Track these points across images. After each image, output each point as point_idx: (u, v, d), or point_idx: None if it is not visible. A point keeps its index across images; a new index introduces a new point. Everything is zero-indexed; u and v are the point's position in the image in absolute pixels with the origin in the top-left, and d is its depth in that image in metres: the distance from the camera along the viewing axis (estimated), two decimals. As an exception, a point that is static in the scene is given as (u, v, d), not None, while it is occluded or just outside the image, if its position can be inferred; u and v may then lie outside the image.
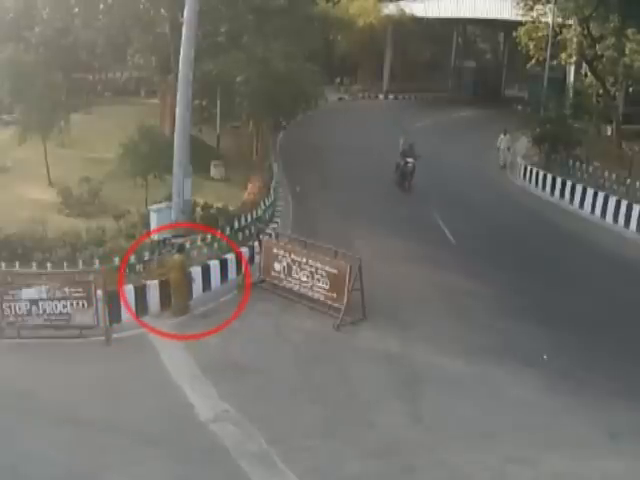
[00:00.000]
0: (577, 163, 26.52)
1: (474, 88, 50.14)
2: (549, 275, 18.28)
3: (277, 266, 16.69)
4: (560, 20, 29.67)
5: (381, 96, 49.46)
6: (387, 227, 21.64)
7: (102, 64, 33.82)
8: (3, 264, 15.63)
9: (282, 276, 16.62)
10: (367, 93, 49.34)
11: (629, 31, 26.28)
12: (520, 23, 32.26)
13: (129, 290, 15.13)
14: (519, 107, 33.36)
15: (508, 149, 30.37)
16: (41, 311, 14.21)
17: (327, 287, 15.70)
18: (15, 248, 16.14)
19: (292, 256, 16.42)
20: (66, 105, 23.90)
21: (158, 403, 12.14)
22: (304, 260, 16.15)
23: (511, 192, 27.03)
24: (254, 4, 27.15)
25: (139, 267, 16.30)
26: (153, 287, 15.55)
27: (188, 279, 15.88)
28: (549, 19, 29.84)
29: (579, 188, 24.74)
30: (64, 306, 14.24)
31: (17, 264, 15.63)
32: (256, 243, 18.22)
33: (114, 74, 38.21)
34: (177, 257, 15.82)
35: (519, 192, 27.19)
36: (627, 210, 22.29)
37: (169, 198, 18.57)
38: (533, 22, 31.06)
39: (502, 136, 30.28)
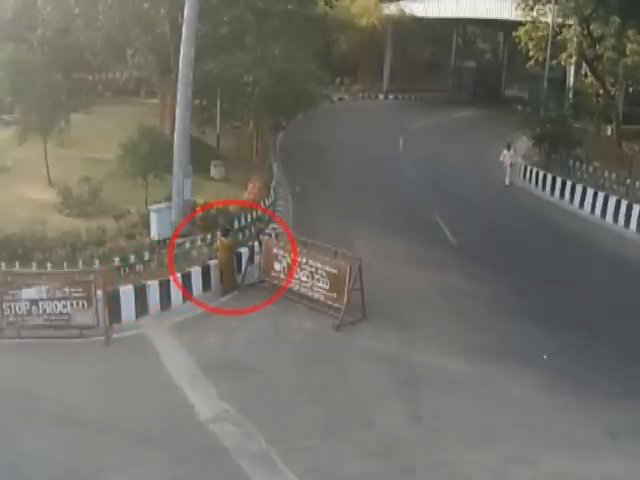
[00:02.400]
0: (577, 163, 26.54)
1: (474, 88, 50.16)
2: (549, 275, 18.27)
3: (277, 266, 16.68)
4: (560, 20, 29.69)
5: (381, 96, 49.47)
6: (387, 227, 21.65)
7: (102, 64, 33.80)
8: (3, 264, 15.62)
9: (282, 276, 16.60)
10: (367, 93, 49.34)
11: (629, 31, 26.29)
12: (520, 23, 32.29)
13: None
14: (519, 107, 33.35)
15: (511, 165, 27.48)
16: (41, 311, 14.20)
17: (327, 287, 15.68)
18: (15, 248, 16.13)
19: (292, 256, 16.40)
20: (66, 105, 23.90)
21: (158, 403, 12.14)
22: (304, 260, 16.14)
23: (511, 192, 27.02)
24: (255, 5, 27.15)
25: (139, 267, 16.34)
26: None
27: (236, 259, 17.01)
28: (549, 19, 29.86)
29: (579, 188, 24.74)
30: (64, 306, 14.23)
31: (17, 264, 15.63)
32: (256, 243, 18.22)
33: (114, 74, 38.20)
34: (225, 239, 16.95)
35: (519, 192, 27.18)
36: (627, 210, 22.30)
37: (169, 198, 18.59)
38: (533, 22, 31.08)
39: (505, 151, 27.57)
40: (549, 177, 26.62)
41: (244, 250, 17.78)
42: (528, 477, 10.55)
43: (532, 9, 30.52)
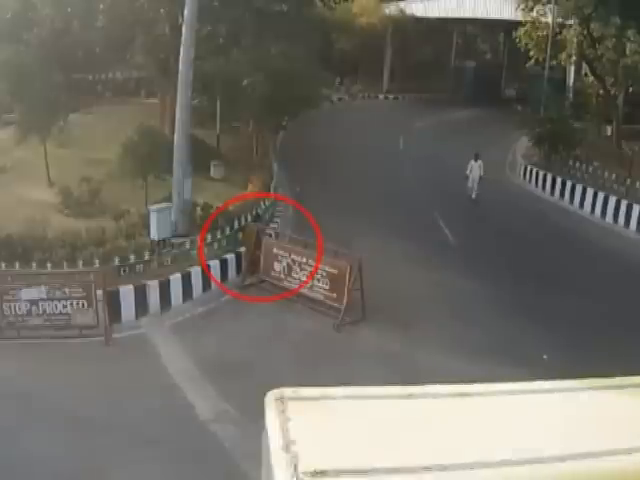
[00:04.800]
0: (577, 163, 26.55)
1: (474, 88, 50.12)
2: (549, 275, 18.27)
3: (277, 266, 16.68)
4: (560, 20, 29.72)
5: (381, 96, 49.45)
6: (388, 227, 21.63)
7: (102, 64, 33.79)
8: (3, 264, 15.64)
9: (282, 276, 16.60)
10: (367, 93, 49.30)
11: (629, 31, 26.31)
12: (520, 23, 32.31)
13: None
14: (519, 107, 33.35)
15: (480, 178, 24.44)
16: (41, 311, 14.20)
17: (327, 287, 15.68)
18: (15, 248, 16.15)
19: (292, 256, 16.41)
20: (66, 105, 23.88)
21: (158, 403, 12.13)
22: (304, 260, 16.15)
23: (511, 192, 27.02)
24: (254, 5, 27.15)
25: (139, 267, 16.35)
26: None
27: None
28: (549, 19, 29.89)
29: (579, 188, 24.75)
30: (64, 306, 14.24)
31: (17, 264, 15.64)
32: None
33: (114, 74, 38.20)
34: (253, 225, 17.99)
35: (519, 192, 27.18)
36: (627, 210, 22.32)
37: (169, 198, 18.60)
38: (533, 22, 31.11)
39: (472, 162, 24.64)
40: (549, 177, 26.62)
41: (244, 250, 17.79)
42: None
43: (532, 9, 30.55)
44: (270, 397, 3.47)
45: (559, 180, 25.96)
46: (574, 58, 30.75)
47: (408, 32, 47.43)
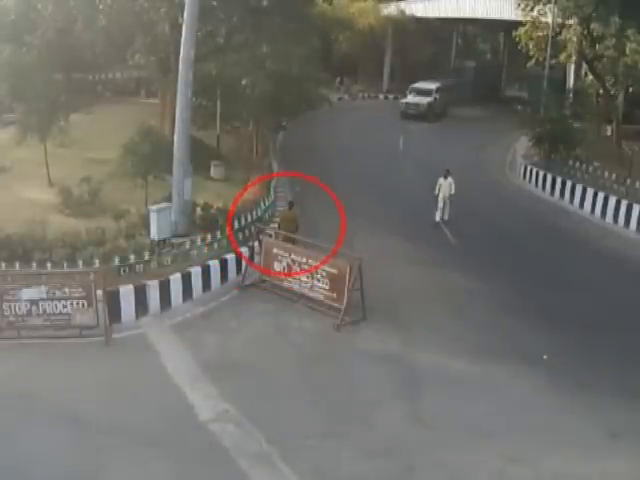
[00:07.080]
0: (577, 163, 26.54)
1: (474, 88, 50.10)
2: (549, 275, 18.29)
3: (277, 266, 16.69)
4: (560, 20, 29.70)
5: (381, 96, 49.43)
6: (388, 227, 21.64)
7: (102, 64, 33.79)
8: (3, 264, 15.64)
9: (282, 276, 16.60)
10: (367, 93, 49.31)
11: (629, 31, 26.28)
12: (520, 23, 32.29)
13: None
14: (519, 107, 33.31)
15: (450, 197, 21.94)
16: (41, 311, 14.20)
17: (327, 287, 15.69)
18: (15, 248, 16.16)
19: (292, 256, 16.42)
20: (66, 105, 23.88)
21: (158, 403, 12.14)
22: (304, 260, 16.15)
23: (511, 192, 27.02)
24: (250, 4, 27.10)
25: (139, 267, 16.35)
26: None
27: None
28: (549, 19, 29.87)
29: (579, 188, 24.74)
30: (64, 306, 14.24)
31: (17, 264, 15.65)
32: (256, 243, 18.22)
33: (114, 74, 38.22)
34: (289, 211, 18.89)
35: (518, 192, 27.17)
36: (627, 210, 22.32)
37: (169, 198, 18.60)
38: (533, 22, 31.09)
39: (441, 180, 21.96)
40: (549, 177, 26.61)
41: (244, 250, 17.79)
42: (528, 477, 10.56)
43: (532, 9, 30.52)
44: None
45: (559, 180, 25.94)
46: (574, 58, 30.72)
47: (408, 32, 47.40)
